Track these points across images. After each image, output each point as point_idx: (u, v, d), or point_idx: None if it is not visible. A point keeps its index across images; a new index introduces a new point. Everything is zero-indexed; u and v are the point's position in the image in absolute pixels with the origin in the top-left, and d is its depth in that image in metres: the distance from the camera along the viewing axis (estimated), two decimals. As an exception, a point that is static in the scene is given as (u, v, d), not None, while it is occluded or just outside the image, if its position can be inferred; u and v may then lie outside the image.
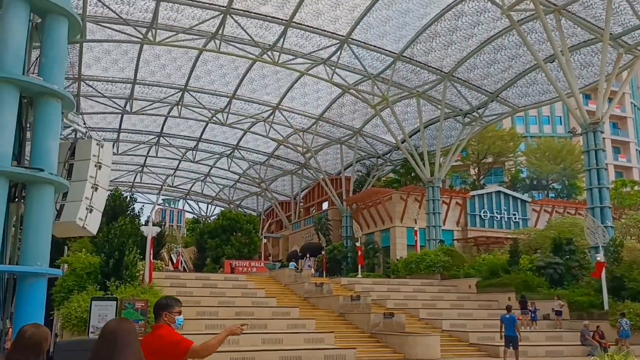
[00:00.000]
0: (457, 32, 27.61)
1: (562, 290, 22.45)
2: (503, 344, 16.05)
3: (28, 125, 5.23)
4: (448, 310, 22.34)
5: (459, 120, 34.09)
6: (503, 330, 15.87)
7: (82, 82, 33.48)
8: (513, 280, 23.80)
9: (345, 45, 29.10)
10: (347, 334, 18.86)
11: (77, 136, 6.28)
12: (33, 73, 5.22)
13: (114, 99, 36.24)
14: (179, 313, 4.57)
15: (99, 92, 35.05)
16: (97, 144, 6.03)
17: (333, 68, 30.89)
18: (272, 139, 42.47)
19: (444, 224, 33.69)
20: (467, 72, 30.34)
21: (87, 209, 5.85)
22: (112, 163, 32.82)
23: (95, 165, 5.97)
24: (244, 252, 38.60)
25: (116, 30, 27.79)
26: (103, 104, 36.71)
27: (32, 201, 4.92)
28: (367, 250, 36.26)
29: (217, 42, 28.70)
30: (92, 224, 5.92)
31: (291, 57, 30.45)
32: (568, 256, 24.02)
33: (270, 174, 51.57)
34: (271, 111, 38.13)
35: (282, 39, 28.68)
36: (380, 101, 32.58)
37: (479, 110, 32.74)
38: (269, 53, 29.73)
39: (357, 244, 33.49)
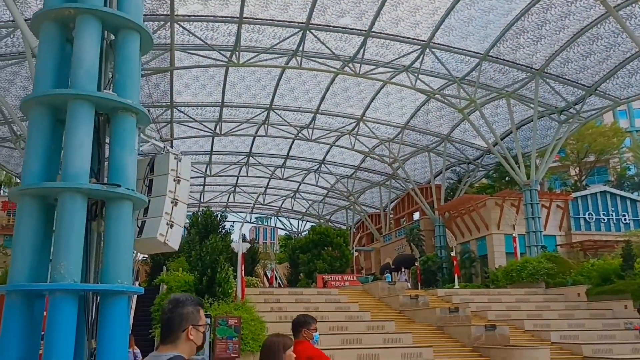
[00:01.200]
0: (546, 25, 26.08)
1: (688, 296, 20.26)
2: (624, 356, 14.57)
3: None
4: (556, 321, 20.80)
5: (555, 118, 32.14)
6: None
7: (174, 109, 35.00)
8: (629, 286, 21.80)
9: (427, 50, 28.38)
10: (447, 348, 17.99)
11: (156, 151, 6.28)
12: (108, 91, 5.23)
13: (204, 123, 37.55)
14: (316, 330, 5.03)
15: (190, 117, 36.47)
16: (175, 158, 5.97)
17: (416, 74, 30.20)
18: (358, 151, 42.21)
19: (545, 229, 31.69)
20: (560, 66, 28.55)
21: (167, 224, 5.78)
22: (206, 184, 33.63)
23: (174, 180, 5.91)
24: (335, 266, 38.36)
25: (202, 56, 28.81)
26: (195, 128, 38.15)
27: (110, 218, 4.88)
28: (463, 260, 34.90)
29: (299, 58, 28.97)
30: (174, 239, 5.84)
31: (372, 67, 30.14)
32: (691, 258, 21.72)
33: (358, 187, 51.25)
34: (355, 123, 37.93)
35: (362, 50, 28.46)
36: (467, 104, 31.42)
37: (576, 106, 30.69)
38: (350, 65, 29.60)
39: (452, 253, 32.33)
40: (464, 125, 36.12)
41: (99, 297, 4.88)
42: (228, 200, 58.05)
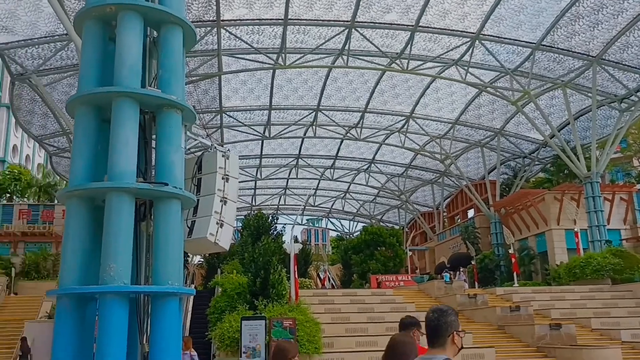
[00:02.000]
0: (603, 10, 24.84)
1: None
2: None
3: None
4: (626, 319, 19.69)
5: (615, 107, 30.61)
6: None
7: (223, 114, 35.39)
8: None
9: (477, 42, 27.57)
10: (510, 348, 17.30)
11: (203, 149, 6.17)
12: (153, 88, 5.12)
13: (253, 127, 37.83)
14: (423, 334, 4.98)
15: (239, 122, 36.80)
16: (223, 156, 5.82)
17: (466, 68, 29.40)
18: (409, 149, 41.53)
19: (608, 223, 30.18)
20: (620, 52, 27.13)
21: (217, 223, 5.64)
22: (257, 188, 33.85)
23: (223, 178, 5.77)
24: (389, 267, 37.85)
25: (249, 60, 29.00)
26: (244, 132, 38.52)
27: (159, 218, 4.77)
28: (521, 257, 33.70)
29: (345, 57, 28.72)
30: (224, 239, 5.70)
31: (420, 62, 29.54)
32: None
33: (410, 185, 50.46)
34: (405, 121, 37.33)
35: (409, 45, 27.92)
36: (521, 96, 30.32)
37: (638, 94, 29.12)
38: (398, 61, 29.11)
39: (510, 251, 31.26)
40: (518, 118, 34.97)
41: (150, 299, 4.79)
42: (279, 202, 58.32)
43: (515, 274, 29.74)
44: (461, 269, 37.49)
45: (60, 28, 21.89)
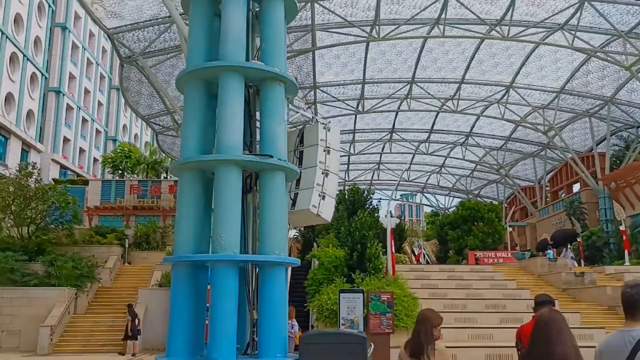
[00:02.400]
0: None
1: None
2: None
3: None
4: None
5: None
6: None
7: (317, 90, 35.60)
8: None
9: (586, 3, 25.61)
10: (621, 331, 16.25)
11: (305, 122, 6.20)
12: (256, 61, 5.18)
13: (346, 102, 37.76)
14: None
15: (333, 97, 36.86)
16: (324, 128, 5.82)
17: (573, 32, 27.45)
18: (509, 121, 39.74)
19: None
20: None
21: (319, 195, 5.67)
22: (351, 163, 33.88)
23: (324, 150, 5.77)
24: (487, 243, 36.78)
25: (343, 34, 28.81)
26: (337, 107, 38.56)
27: (265, 189, 4.89)
28: (633, 234, 31.51)
29: (441, 27, 27.76)
30: (326, 211, 5.73)
31: (522, 28, 27.95)
32: None
33: (509, 159, 48.42)
34: (505, 91, 35.68)
35: (510, 11, 26.48)
36: (635, 61, 27.92)
37: None
38: (498, 28, 27.72)
39: (621, 227, 29.28)
40: (632, 85, 32.33)
41: (257, 269, 4.94)
42: (372, 177, 58.18)
43: (626, 252, 27.87)
44: (568, 246, 35.68)
45: (164, 11, 22.84)
